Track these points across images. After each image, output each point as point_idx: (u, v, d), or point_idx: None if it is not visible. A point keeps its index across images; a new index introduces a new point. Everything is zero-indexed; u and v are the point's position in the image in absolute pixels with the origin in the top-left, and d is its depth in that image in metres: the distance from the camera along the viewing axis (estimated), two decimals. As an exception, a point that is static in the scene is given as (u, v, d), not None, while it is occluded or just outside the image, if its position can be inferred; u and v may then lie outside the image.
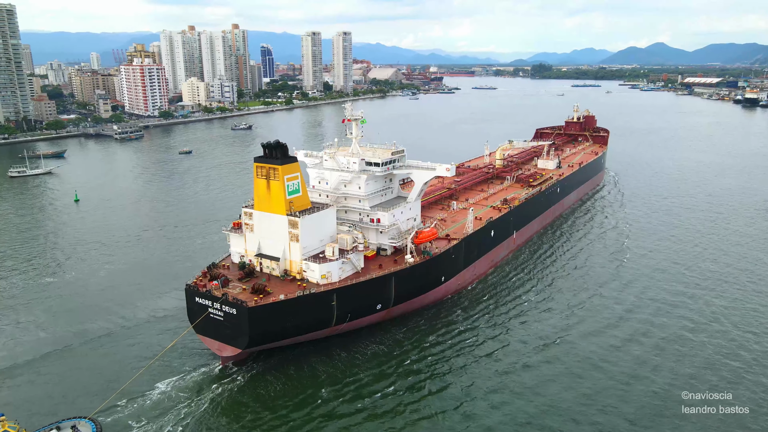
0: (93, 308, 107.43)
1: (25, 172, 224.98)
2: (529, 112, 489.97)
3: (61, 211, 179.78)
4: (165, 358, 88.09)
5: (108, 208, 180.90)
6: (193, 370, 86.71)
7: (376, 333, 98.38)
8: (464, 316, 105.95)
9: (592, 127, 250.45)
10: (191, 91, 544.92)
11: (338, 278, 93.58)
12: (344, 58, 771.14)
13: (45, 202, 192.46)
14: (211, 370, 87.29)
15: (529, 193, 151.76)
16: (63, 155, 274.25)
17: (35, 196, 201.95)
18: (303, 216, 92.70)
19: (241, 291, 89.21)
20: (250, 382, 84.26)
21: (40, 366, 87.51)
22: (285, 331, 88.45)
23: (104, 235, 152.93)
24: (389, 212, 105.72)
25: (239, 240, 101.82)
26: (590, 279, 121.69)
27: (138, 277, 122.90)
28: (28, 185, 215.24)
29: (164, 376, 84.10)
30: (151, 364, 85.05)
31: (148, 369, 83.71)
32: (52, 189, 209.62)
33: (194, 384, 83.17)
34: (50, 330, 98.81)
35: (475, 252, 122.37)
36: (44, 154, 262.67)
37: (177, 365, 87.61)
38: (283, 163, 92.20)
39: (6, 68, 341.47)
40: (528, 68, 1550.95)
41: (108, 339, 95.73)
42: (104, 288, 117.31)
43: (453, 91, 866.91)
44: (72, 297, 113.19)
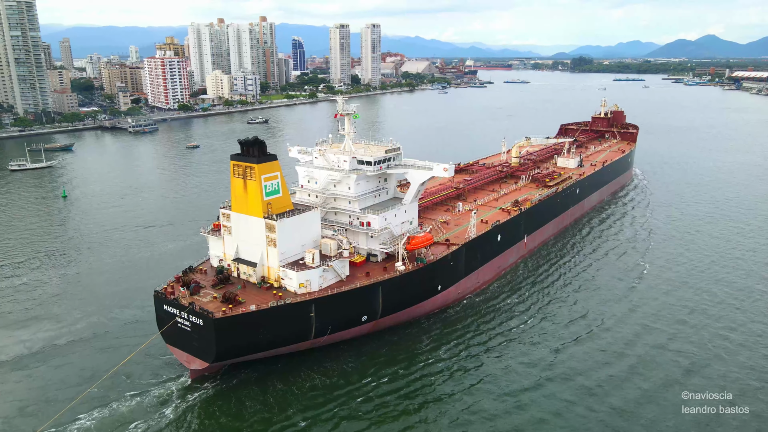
0: (53, 313, 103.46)
1: (25, 166, 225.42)
2: (559, 107, 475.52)
3: (46, 207, 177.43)
4: (129, 369, 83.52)
5: (96, 205, 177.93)
6: (158, 383, 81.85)
7: (363, 345, 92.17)
8: (458, 330, 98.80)
9: (620, 123, 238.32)
10: (215, 84, 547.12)
11: (318, 287, 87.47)
12: (372, 50, 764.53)
13: (34, 197, 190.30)
14: (179, 383, 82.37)
15: (544, 194, 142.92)
16: (71, 148, 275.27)
17: (27, 190, 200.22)
18: (281, 219, 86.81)
19: (212, 300, 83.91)
20: (221, 396, 79.09)
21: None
22: (257, 344, 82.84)
23: (83, 233, 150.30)
24: (380, 215, 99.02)
25: (218, 243, 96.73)
26: (595, 299, 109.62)
27: (108, 281, 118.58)
28: (26, 179, 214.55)
29: (126, 389, 79.52)
30: (110, 374, 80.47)
31: (106, 381, 79.24)
32: (47, 183, 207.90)
33: (159, 399, 78.30)
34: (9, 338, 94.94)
35: (478, 258, 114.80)
36: (52, 148, 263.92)
37: (142, 377, 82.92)
38: (260, 162, 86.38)
39: (25, 61, 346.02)
40: (568, 62, 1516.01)
41: (69, 348, 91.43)
42: (68, 292, 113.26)
43: (485, 85, 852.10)
44: (29, 302, 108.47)
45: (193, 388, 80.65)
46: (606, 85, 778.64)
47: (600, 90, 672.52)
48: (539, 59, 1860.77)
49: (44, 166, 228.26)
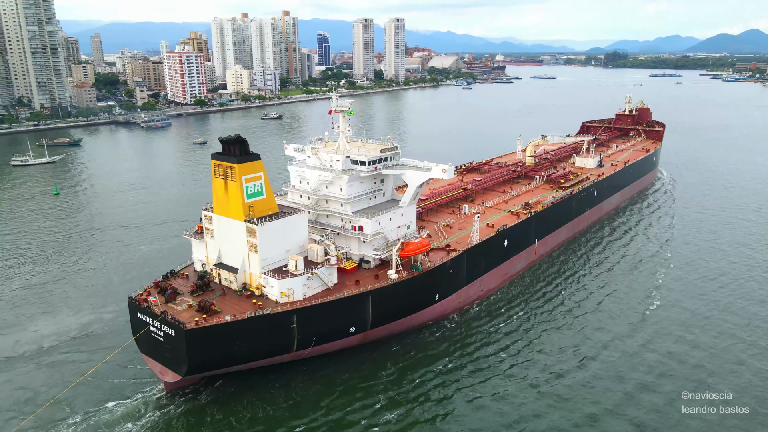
0: (23, 317, 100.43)
1: (27, 161, 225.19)
2: (585, 103, 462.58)
3: (37, 204, 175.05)
4: (100, 379, 79.87)
5: (86, 203, 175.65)
6: (131, 395, 77.94)
7: (352, 356, 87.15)
8: (457, 342, 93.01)
9: (645, 120, 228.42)
10: (235, 79, 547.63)
11: (302, 296, 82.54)
12: (396, 45, 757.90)
13: (27, 194, 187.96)
14: (153, 395, 78.38)
15: (558, 197, 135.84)
16: (79, 144, 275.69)
17: (22, 186, 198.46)
18: (262, 223, 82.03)
19: (187, 308, 79.65)
20: (197, 411, 74.95)
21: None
22: (234, 356, 78.28)
23: (69, 231, 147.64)
24: (373, 219, 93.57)
25: (201, 246, 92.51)
26: (600, 324, 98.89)
27: (88, 283, 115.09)
28: (26, 175, 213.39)
29: (94, 400, 75.77)
30: (76, 384, 76.85)
31: (72, 391, 75.67)
32: (44, 179, 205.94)
33: (130, 412, 74.40)
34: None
35: (482, 265, 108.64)
36: (60, 143, 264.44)
37: (113, 388, 79.03)
38: (240, 162, 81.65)
39: (42, 55, 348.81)
40: (601, 57, 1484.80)
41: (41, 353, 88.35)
42: (45, 293, 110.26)
43: (512, 81, 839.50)
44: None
45: (168, 401, 76.64)
46: (642, 81, 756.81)
47: (636, 87, 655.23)
48: (572, 54, 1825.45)
49: (47, 162, 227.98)
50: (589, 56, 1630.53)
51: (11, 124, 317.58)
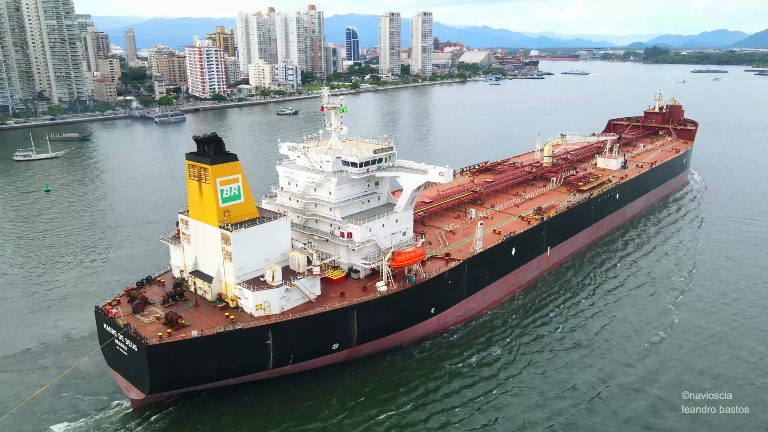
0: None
1: (29, 156, 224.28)
2: (615, 100, 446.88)
3: (26, 200, 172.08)
4: (61, 393, 75.40)
5: (76, 201, 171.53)
6: (95, 412, 73.24)
7: (337, 374, 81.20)
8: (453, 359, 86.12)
9: (677, 119, 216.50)
10: (257, 74, 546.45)
11: (280, 310, 76.69)
12: (423, 40, 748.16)
13: (19, 190, 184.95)
14: (117, 412, 73.58)
15: (574, 201, 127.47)
16: (88, 138, 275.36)
17: (17, 182, 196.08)
18: (237, 230, 76.36)
19: (154, 320, 74.57)
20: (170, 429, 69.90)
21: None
22: (201, 375, 72.89)
23: (52, 230, 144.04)
24: (363, 225, 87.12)
25: (178, 252, 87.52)
26: (604, 351, 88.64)
27: (65, 285, 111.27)
28: (27, 170, 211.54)
29: (51, 417, 71.23)
30: (32, 398, 72.35)
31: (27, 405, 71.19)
32: (40, 175, 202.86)
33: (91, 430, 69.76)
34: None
35: (485, 275, 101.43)
36: (69, 137, 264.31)
37: (70, 405, 74.23)
38: (214, 163, 76.08)
39: (60, 49, 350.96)
40: (641, 52, 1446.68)
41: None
42: (24, 296, 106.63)
43: (543, 77, 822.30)
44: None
45: (134, 420, 71.71)
46: (684, 77, 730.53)
47: (678, 83, 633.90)
48: (612, 49, 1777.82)
49: (50, 157, 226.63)
50: (628, 51, 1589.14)
51: (27, 118, 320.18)
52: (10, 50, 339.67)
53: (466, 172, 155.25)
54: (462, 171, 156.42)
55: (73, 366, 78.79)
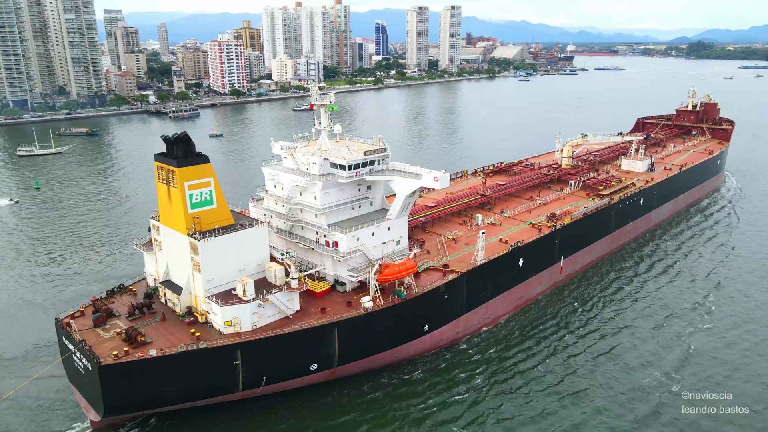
0: None
1: (32, 151, 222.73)
2: (648, 97, 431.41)
3: (15, 197, 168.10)
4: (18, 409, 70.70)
5: (66, 199, 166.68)
6: None
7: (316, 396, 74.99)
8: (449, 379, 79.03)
9: (711, 118, 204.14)
10: (279, 69, 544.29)
11: (252, 326, 70.60)
12: (451, 34, 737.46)
13: (7, 187, 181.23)
14: None
15: (592, 206, 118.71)
16: (97, 134, 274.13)
17: (13, 177, 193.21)
18: (206, 238, 70.43)
19: (114, 335, 69.21)
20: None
21: None
22: (162, 397, 67.26)
23: (33, 229, 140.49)
24: (349, 234, 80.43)
25: (152, 259, 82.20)
26: (627, 369, 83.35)
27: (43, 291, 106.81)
28: (26, 165, 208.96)
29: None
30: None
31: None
32: (35, 172, 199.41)
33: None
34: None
35: (488, 288, 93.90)
36: (78, 133, 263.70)
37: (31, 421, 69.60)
38: (182, 165, 70.24)
39: (79, 44, 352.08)
40: (684, 47, 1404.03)
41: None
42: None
43: (576, 72, 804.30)
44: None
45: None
46: (732, 73, 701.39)
47: (726, 79, 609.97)
48: (654, 44, 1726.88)
49: (53, 152, 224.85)
50: (670, 46, 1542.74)
51: (44, 112, 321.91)
52: (30, 45, 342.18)
53: (479, 174, 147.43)
54: (475, 172, 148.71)
55: (33, 377, 73.83)
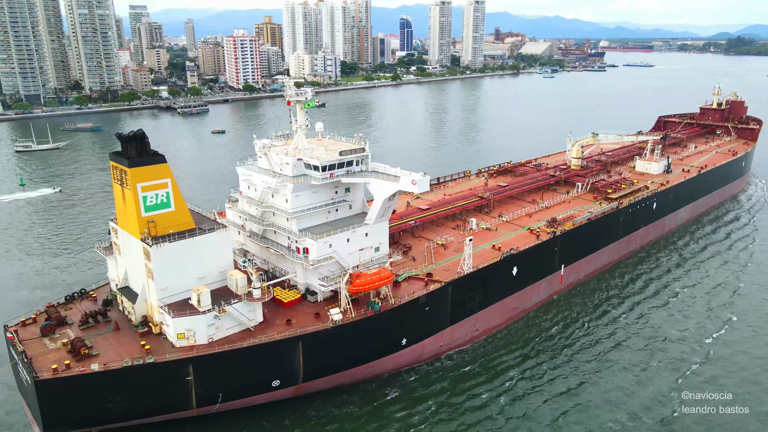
0: None
1: (30, 147, 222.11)
2: (675, 95, 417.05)
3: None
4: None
5: (56, 197, 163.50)
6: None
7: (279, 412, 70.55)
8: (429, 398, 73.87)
9: (738, 116, 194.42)
10: (297, 64, 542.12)
11: (207, 339, 66.33)
12: (474, 30, 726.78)
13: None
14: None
15: (598, 211, 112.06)
16: (101, 129, 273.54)
17: (1, 172, 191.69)
18: (159, 244, 66.30)
19: (61, 346, 65.57)
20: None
21: None
22: (109, 414, 63.33)
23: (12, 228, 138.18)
24: (319, 240, 75.67)
25: (113, 264, 78.56)
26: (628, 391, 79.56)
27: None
28: (26, 160, 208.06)
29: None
30: None
31: None
32: (35, 166, 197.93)
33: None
34: None
35: (476, 299, 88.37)
36: (82, 128, 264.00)
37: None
38: (133, 165, 66.16)
39: (92, 39, 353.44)
40: (723, 43, 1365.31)
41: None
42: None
43: (605, 69, 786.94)
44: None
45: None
46: None
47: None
48: (693, 40, 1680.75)
49: (50, 148, 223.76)
50: (709, 42, 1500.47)
51: (54, 107, 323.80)
52: (43, 40, 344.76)
53: (483, 174, 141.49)
54: (479, 172, 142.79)
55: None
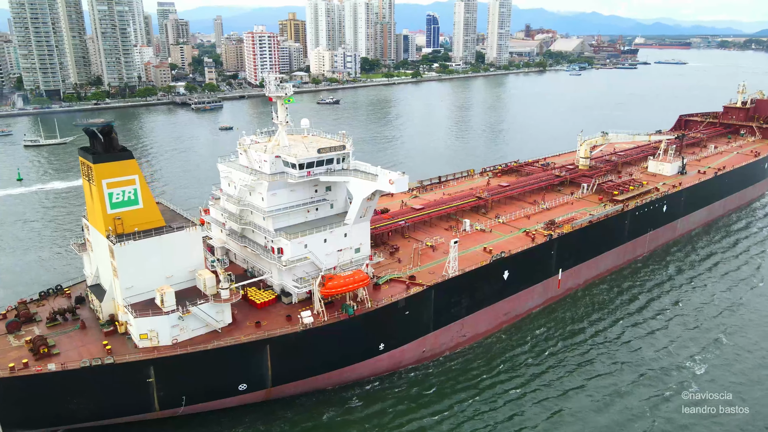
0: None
1: (38, 142, 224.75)
2: (707, 93, 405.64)
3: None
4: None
5: (53, 195, 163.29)
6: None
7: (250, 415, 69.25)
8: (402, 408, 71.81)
9: (764, 116, 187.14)
10: (317, 61, 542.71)
11: (171, 341, 65.27)
12: (500, 26, 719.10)
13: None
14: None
15: (601, 213, 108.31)
16: (113, 124, 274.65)
17: (3, 168, 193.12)
18: (123, 242, 65.36)
19: (24, 345, 65.16)
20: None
21: None
22: (71, 414, 62.70)
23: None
24: (294, 240, 74.04)
25: (88, 261, 78.15)
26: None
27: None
28: (33, 154, 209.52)
29: None
30: None
31: None
32: (39, 161, 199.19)
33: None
34: None
35: (463, 303, 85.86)
36: (94, 123, 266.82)
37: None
38: (98, 161, 65.39)
39: (111, 35, 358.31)
40: (765, 39, 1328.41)
41: None
42: None
43: (635, 66, 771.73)
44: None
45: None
46: None
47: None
48: (735, 36, 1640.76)
49: (58, 143, 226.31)
50: (750, 39, 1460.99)
51: (72, 102, 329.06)
52: (64, 36, 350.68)
53: (487, 173, 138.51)
54: (483, 171, 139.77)
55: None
